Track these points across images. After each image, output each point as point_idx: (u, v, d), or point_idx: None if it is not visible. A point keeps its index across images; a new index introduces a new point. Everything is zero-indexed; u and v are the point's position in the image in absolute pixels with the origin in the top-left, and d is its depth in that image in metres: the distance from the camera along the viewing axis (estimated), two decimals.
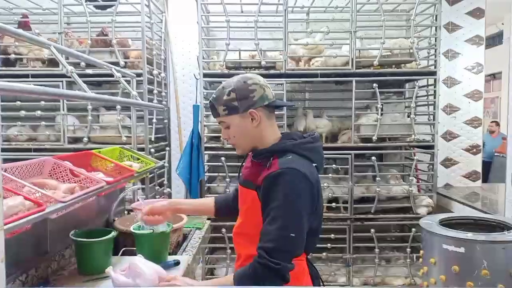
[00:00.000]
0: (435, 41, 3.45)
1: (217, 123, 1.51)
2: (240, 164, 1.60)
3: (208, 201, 1.74)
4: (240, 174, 1.53)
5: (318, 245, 3.59)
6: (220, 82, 1.48)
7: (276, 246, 1.24)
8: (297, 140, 1.40)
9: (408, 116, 3.44)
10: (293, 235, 1.25)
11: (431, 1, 3.43)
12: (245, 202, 1.44)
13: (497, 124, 6.87)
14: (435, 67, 3.43)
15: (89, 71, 3.22)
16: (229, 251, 3.39)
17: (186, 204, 1.75)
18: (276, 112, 1.51)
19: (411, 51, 3.32)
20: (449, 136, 4.04)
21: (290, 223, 1.26)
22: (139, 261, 1.44)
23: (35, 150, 3.32)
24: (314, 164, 1.39)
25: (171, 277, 1.42)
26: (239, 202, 1.49)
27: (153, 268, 1.44)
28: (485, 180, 4.87)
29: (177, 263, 1.77)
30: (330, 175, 3.40)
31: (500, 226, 2.44)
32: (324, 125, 3.51)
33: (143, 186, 3.14)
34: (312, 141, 1.42)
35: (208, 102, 1.47)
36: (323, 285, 1.59)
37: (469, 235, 2.23)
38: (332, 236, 3.36)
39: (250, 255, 1.32)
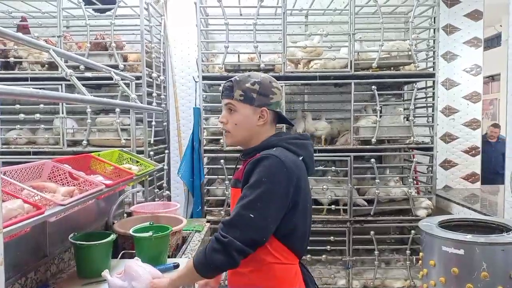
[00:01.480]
0: (434, 43, 3.46)
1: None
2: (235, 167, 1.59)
3: None
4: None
5: (317, 248, 3.59)
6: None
7: (232, 221, 1.24)
8: (283, 136, 1.42)
9: (407, 119, 3.44)
10: (252, 215, 1.22)
11: (429, 3, 3.44)
12: (234, 203, 1.41)
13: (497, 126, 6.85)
14: (433, 69, 3.44)
15: (88, 74, 3.22)
16: None
17: None
18: None
19: (410, 53, 3.33)
20: (448, 138, 4.05)
21: (254, 204, 1.24)
22: (135, 264, 1.44)
23: (34, 153, 3.32)
24: (300, 157, 1.38)
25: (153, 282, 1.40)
26: (230, 205, 1.50)
27: (148, 270, 1.43)
28: (484, 182, 4.87)
29: (176, 266, 1.77)
30: (329, 177, 3.40)
31: (500, 228, 2.44)
32: (323, 128, 3.51)
33: (143, 189, 3.14)
34: (299, 137, 1.43)
35: (226, 81, 1.43)
36: None
37: (469, 237, 2.23)
38: (332, 238, 3.36)
39: (245, 260, 1.30)
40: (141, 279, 1.37)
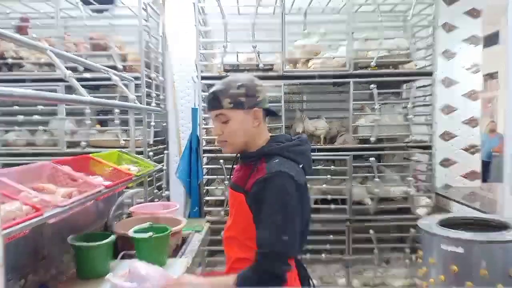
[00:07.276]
0: (433, 41, 3.46)
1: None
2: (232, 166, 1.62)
3: None
4: (231, 176, 1.55)
5: (317, 247, 3.59)
6: None
7: (274, 251, 1.26)
8: (284, 143, 1.42)
9: (406, 120, 3.43)
10: (286, 238, 1.27)
11: (428, 2, 3.44)
12: (233, 205, 1.46)
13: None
14: (432, 68, 3.43)
15: (87, 75, 3.21)
16: None
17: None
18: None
19: (409, 51, 3.32)
20: (447, 136, 4.04)
21: (284, 227, 1.27)
22: (141, 265, 1.40)
23: (34, 154, 3.30)
24: (300, 165, 1.40)
25: (176, 279, 1.39)
26: (229, 204, 1.52)
27: (158, 271, 1.40)
28: (484, 180, 4.87)
29: None
30: (328, 176, 3.40)
31: (499, 226, 2.44)
32: (323, 127, 3.51)
33: (142, 189, 3.14)
34: (299, 143, 1.43)
35: (210, 93, 1.42)
36: (313, 287, 1.58)
37: (468, 235, 2.23)
38: (331, 237, 3.36)
39: (239, 258, 1.36)
40: (153, 281, 1.32)
